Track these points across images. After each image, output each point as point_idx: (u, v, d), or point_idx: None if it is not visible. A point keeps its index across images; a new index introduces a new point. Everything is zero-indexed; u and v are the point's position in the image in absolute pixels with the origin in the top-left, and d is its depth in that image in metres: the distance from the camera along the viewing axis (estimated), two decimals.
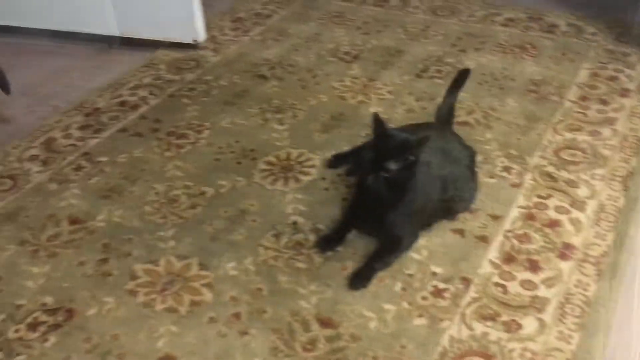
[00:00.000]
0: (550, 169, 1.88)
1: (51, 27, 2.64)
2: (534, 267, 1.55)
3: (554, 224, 1.68)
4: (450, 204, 1.66)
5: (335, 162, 1.91)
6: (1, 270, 1.56)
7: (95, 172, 1.91)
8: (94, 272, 1.56)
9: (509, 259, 1.58)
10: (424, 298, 1.47)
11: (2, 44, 2.65)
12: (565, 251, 1.59)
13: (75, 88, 2.36)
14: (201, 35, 2.57)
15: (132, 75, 2.43)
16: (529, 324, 1.41)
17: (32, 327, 1.41)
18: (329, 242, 1.62)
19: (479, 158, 1.87)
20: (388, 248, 1.58)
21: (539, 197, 1.77)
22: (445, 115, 1.96)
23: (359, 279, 1.52)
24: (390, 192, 1.52)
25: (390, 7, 2.94)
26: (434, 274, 1.54)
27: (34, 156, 1.99)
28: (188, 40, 2.56)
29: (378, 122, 1.53)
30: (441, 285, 1.50)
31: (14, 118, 2.23)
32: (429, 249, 1.60)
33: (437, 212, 1.65)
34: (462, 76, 1.99)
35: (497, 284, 1.51)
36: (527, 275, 1.53)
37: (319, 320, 1.42)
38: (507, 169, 1.88)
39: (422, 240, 1.62)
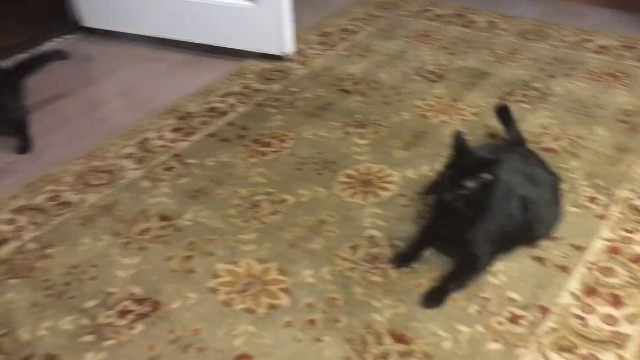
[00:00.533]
0: (639, 202, 1.82)
1: (149, 34, 2.79)
2: (616, 301, 1.51)
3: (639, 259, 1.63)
4: (530, 226, 1.64)
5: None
6: (96, 259, 1.67)
7: (185, 173, 2.00)
8: (179, 267, 1.64)
9: (590, 291, 1.54)
10: (499, 323, 1.46)
11: (105, 46, 2.84)
12: None
13: (169, 92, 2.48)
14: (289, 48, 2.65)
15: (222, 82, 2.53)
16: (608, 359, 1.37)
17: (122, 314, 1.51)
18: (404, 258, 1.63)
19: (563, 186, 1.84)
20: (465, 268, 1.58)
21: (625, 230, 1.72)
22: (519, 142, 1.95)
23: (433, 298, 1.52)
24: (468, 210, 1.52)
25: (478, 29, 2.93)
26: (511, 299, 1.52)
27: (129, 154, 2.11)
28: (277, 52, 2.65)
29: (459, 140, 1.54)
30: (518, 312, 1.49)
31: (113, 117, 2.38)
32: (507, 274, 1.59)
33: (518, 235, 1.63)
34: (505, 112, 1.99)
35: (576, 316, 1.47)
36: (609, 309, 1.49)
37: (392, 334, 1.44)
38: (592, 199, 1.84)
39: (500, 265, 1.61)
